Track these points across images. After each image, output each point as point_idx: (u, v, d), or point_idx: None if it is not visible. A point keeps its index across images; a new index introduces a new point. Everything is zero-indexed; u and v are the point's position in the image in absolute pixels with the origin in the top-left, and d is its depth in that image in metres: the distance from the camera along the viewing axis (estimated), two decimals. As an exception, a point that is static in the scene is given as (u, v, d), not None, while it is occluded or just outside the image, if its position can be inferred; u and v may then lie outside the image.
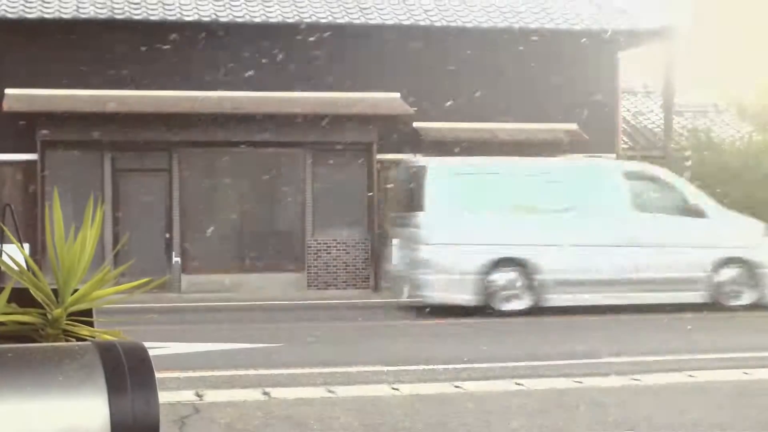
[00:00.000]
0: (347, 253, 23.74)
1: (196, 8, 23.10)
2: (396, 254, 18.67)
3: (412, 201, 18.45)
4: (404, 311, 18.17)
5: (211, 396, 9.48)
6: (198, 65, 22.90)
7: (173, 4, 23.12)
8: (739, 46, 57.21)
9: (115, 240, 22.30)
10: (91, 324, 2.93)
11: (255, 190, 23.75)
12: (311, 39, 23.24)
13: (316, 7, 23.68)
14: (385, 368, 11.39)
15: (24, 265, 2.88)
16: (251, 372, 11.03)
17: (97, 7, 22.53)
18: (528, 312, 17.01)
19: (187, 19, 22.64)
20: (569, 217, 18.12)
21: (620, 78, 25.81)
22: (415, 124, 23.88)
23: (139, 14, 22.50)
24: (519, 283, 17.43)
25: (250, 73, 23.00)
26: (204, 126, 22.56)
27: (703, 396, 9.52)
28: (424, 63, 23.81)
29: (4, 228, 3.22)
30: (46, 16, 22.01)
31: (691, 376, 10.72)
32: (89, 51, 22.37)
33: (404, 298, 18.18)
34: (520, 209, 18.21)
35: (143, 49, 22.43)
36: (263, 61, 23.07)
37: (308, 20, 23.09)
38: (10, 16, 21.85)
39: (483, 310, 16.93)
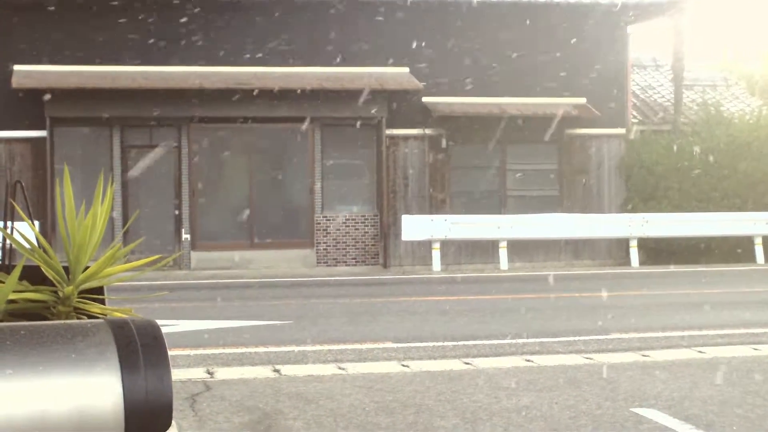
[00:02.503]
0: (356, 229, 23.74)
1: (204, -16, 23.01)
2: None
3: None
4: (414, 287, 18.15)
5: (222, 373, 9.50)
6: (206, 41, 22.84)
7: (181, -20, 23.04)
8: (749, 20, 56.93)
9: (125, 217, 22.32)
10: (102, 301, 2.92)
11: (264, 166, 23.75)
12: (319, 13, 23.18)
13: (324, -17, 23.58)
14: (395, 345, 11.40)
15: (35, 242, 2.88)
16: (261, 349, 11.05)
17: (104, -16, 22.47)
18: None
19: (195, -5, 22.57)
20: None
21: (630, 52, 25.71)
22: (424, 99, 23.82)
23: (146, -10, 22.42)
24: None
25: (259, 48, 22.95)
26: (212, 102, 22.52)
27: (713, 372, 9.52)
28: (433, 37, 23.73)
29: (15, 205, 3.21)
30: (54, -8, 21.95)
31: (700, 352, 10.72)
32: (97, 27, 22.33)
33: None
34: None
35: (151, 25, 22.39)
36: (272, 35, 23.02)
37: (316, -5, 23.01)
38: (17, -8, 21.80)
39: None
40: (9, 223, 3.19)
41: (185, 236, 22.93)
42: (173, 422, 2.23)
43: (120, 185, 22.46)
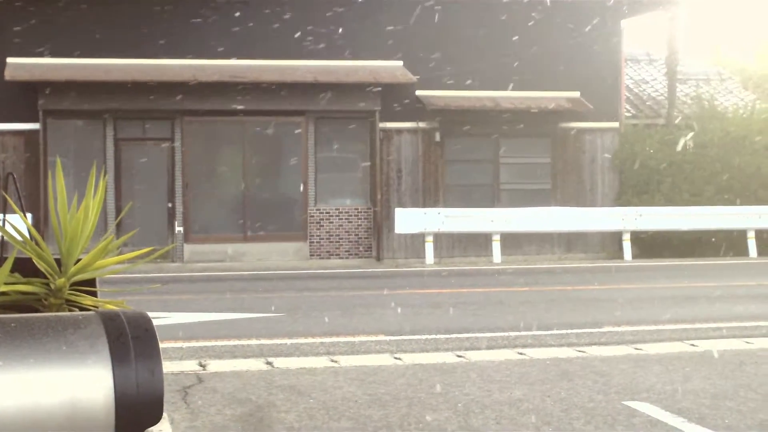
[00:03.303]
0: (350, 222, 23.74)
1: (198, -24, 22.97)
2: None
3: None
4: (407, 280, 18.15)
5: (214, 366, 9.50)
6: (200, 34, 22.80)
7: (174, -28, 23.00)
8: (743, 14, 57.01)
9: (118, 210, 22.31)
10: (94, 294, 2.92)
11: (257, 159, 23.73)
12: (313, 7, 23.16)
13: (318, -25, 23.54)
14: (388, 338, 11.41)
15: (27, 234, 2.87)
16: (254, 342, 11.05)
17: (98, -24, 22.42)
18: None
19: (188, -13, 22.52)
20: None
21: (623, 46, 25.72)
22: (418, 92, 23.81)
23: (140, -18, 22.37)
24: None
25: (252, 41, 22.92)
26: (206, 95, 22.50)
27: (705, 365, 9.53)
28: (427, 31, 23.72)
29: (7, 197, 3.21)
30: (47, -16, 21.88)
31: (693, 345, 10.74)
32: (92, 20, 22.28)
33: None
34: None
35: (145, 17, 22.35)
36: (265, 29, 22.99)
37: (310, -12, 22.98)
38: (10, -16, 21.74)
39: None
40: (1, 215, 3.19)
41: (178, 229, 22.92)
42: (165, 415, 2.22)
43: (113, 178, 22.43)
